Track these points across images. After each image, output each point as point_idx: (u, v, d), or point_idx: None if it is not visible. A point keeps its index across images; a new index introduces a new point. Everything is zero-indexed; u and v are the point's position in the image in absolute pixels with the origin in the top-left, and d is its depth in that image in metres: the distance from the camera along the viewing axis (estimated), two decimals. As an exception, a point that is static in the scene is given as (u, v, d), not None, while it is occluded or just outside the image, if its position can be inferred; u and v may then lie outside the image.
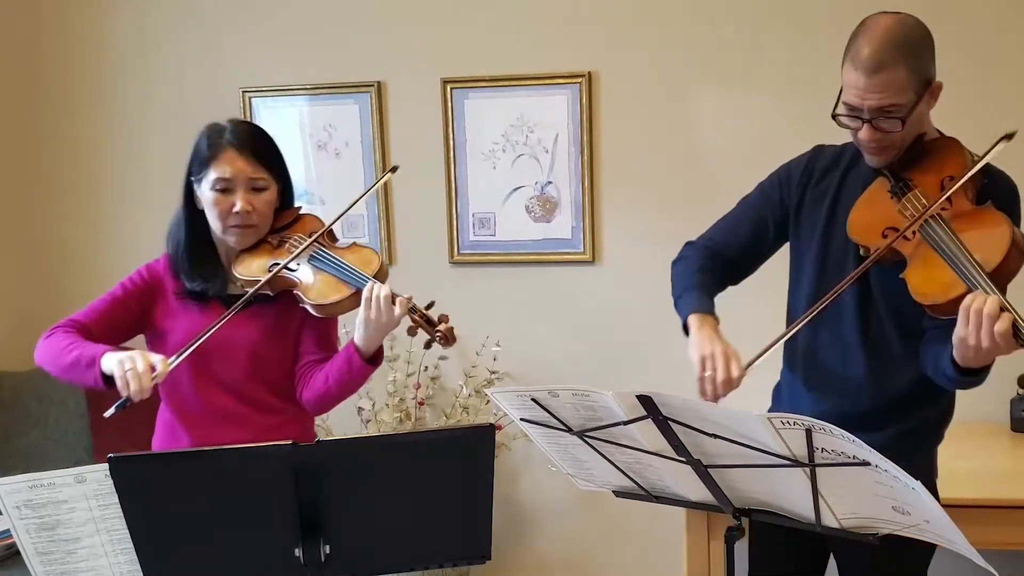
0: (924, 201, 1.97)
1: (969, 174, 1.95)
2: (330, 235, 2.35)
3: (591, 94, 3.36)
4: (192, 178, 2.24)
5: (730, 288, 2.26)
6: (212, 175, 2.19)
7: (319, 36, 3.58)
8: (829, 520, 1.71)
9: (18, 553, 1.75)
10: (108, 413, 2.06)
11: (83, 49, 3.76)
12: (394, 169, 2.53)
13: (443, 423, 3.53)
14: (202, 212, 2.24)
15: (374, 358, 2.19)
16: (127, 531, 1.68)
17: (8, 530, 1.71)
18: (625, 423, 1.70)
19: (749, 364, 1.97)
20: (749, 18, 3.26)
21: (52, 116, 3.81)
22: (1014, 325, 1.76)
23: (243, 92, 3.62)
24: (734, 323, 3.22)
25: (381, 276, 2.22)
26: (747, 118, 3.28)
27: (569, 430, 1.81)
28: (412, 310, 2.14)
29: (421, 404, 3.52)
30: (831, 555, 2.26)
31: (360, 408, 3.49)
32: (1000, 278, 1.87)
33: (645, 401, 1.64)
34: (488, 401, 3.35)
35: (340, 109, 3.57)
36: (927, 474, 2.13)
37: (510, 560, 3.63)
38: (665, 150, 3.36)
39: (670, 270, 2.27)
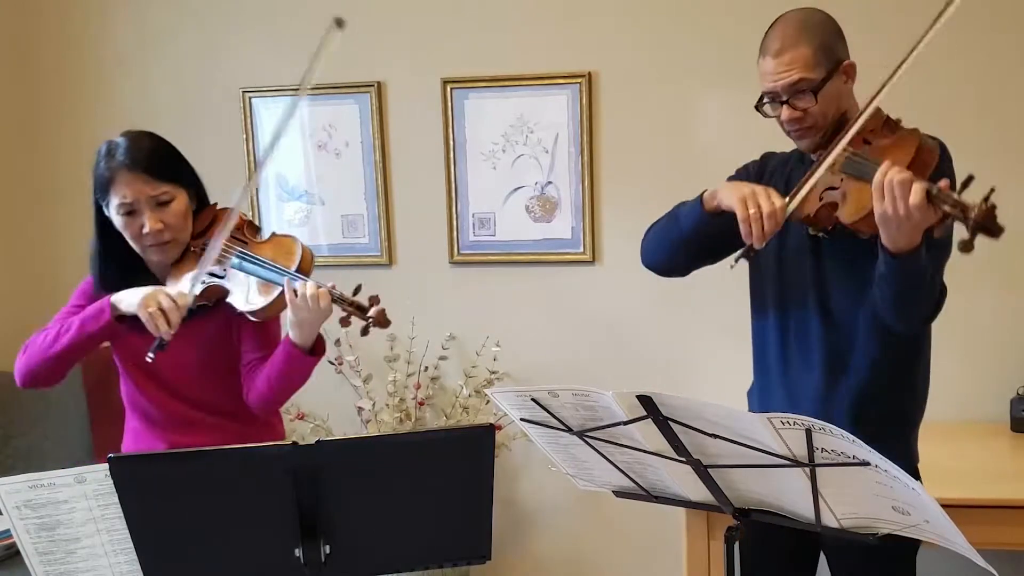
0: None
1: (871, 103, 1.99)
2: (251, 228, 2.27)
3: (591, 94, 3.36)
4: (99, 200, 2.20)
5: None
6: (114, 200, 2.15)
7: (319, 36, 3.56)
8: (829, 520, 1.71)
9: (18, 553, 1.75)
10: (149, 357, 2.07)
11: (82, 49, 3.75)
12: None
13: (443, 423, 3.53)
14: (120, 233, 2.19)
15: (315, 349, 2.14)
16: (127, 531, 1.69)
17: (8, 530, 1.71)
18: (625, 423, 1.70)
19: (792, 196, 2.02)
20: (749, 18, 3.24)
21: (51, 116, 3.81)
22: (927, 191, 1.80)
23: (243, 92, 3.62)
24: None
25: (304, 267, 2.16)
26: (747, 118, 3.25)
27: (569, 430, 1.81)
28: (340, 299, 2.08)
29: (421, 404, 3.52)
30: (821, 555, 2.27)
31: (360, 408, 3.49)
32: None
33: (645, 401, 1.64)
34: (488, 401, 3.35)
35: (340, 109, 3.57)
36: (907, 459, 2.15)
37: (510, 560, 3.63)
38: (665, 150, 3.36)
39: (644, 241, 2.39)
